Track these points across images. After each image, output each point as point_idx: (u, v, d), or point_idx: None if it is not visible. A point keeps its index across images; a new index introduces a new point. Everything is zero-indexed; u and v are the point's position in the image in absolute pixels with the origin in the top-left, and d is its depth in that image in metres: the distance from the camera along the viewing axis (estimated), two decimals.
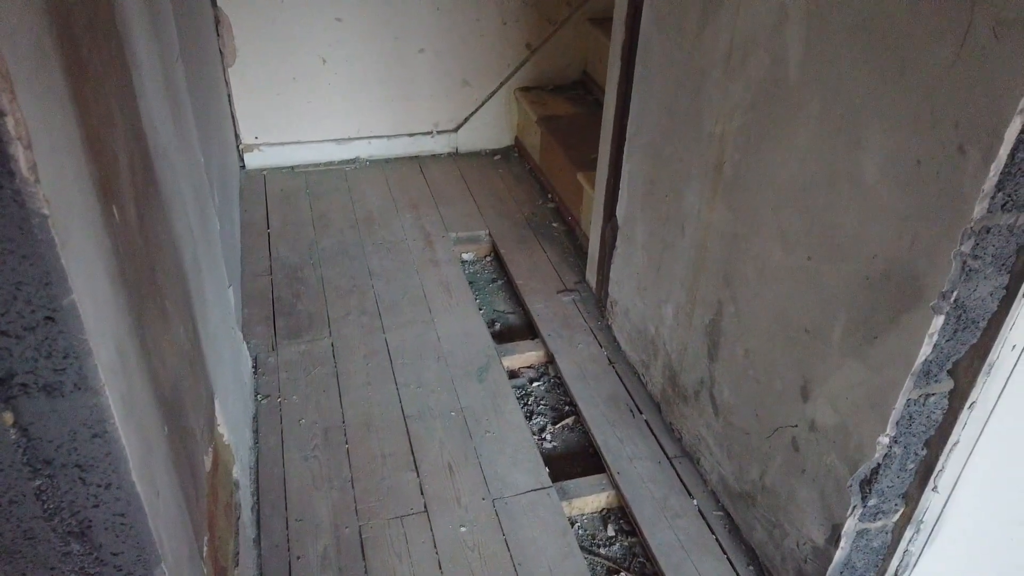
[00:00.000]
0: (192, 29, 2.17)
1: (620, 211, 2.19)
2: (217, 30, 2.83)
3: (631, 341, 2.21)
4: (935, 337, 1.14)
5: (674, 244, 1.88)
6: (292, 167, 3.18)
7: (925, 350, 1.15)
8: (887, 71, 1.15)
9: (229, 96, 2.98)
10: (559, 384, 2.23)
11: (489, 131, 3.37)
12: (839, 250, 1.30)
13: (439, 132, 3.31)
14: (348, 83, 3.08)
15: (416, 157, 3.32)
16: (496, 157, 3.36)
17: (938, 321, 1.12)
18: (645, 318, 2.10)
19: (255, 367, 2.15)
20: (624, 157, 2.11)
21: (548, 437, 2.06)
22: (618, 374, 2.19)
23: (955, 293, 1.10)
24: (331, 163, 3.22)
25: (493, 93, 3.28)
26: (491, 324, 2.48)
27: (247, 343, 2.23)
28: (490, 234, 2.83)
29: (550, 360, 2.29)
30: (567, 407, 2.16)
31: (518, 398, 2.18)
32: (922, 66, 1.08)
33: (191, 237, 1.44)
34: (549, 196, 3.05)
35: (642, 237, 2.06)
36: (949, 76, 1.04)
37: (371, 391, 2.09)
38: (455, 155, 3.36)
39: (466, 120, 3.31)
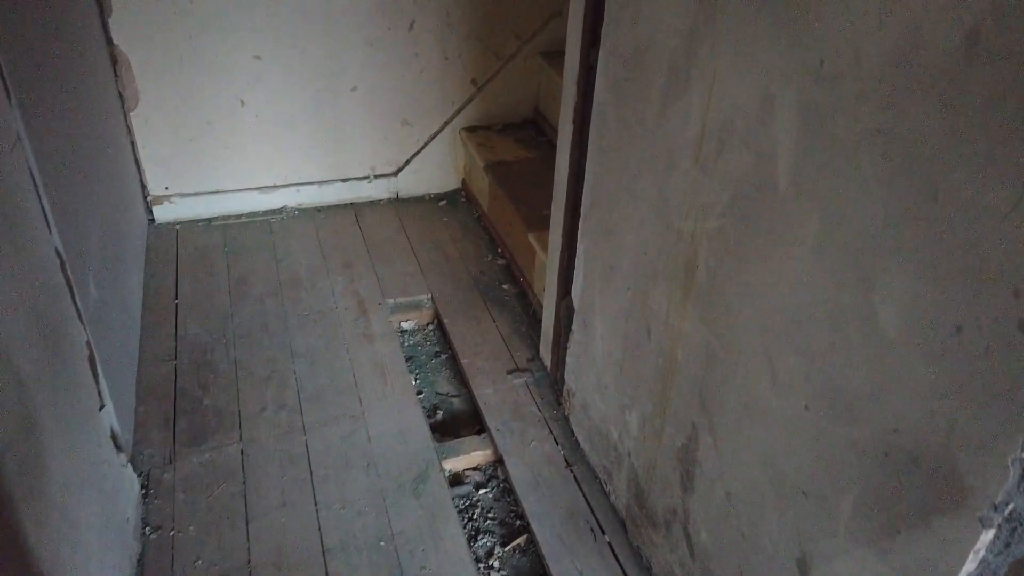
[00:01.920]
0: (73, 74, 1.82)
1: (576, 292, 1.90)
2: (115, 70, 2.47)
3: (591, 441, 1.92)
4: (982, 553, 0.87)
5: (639, 345, 1.60)
6: (209, 220, 2.83)
7: (968, 568, 0.88)
8: (912, 197, 0.87)
9: (133, 143, 2.61)
10: (509, 491, 1.93)
11: (433, 174, 3.05)
12: (848, 410, 1.03)
13: (377, 176, 2.99)
14: (271, 126, 2.74)
15: (351, 204, 2.99)
16: (441, 203, 3.05)
17: (987, 536, 0.85)
18: (607, 419, 1.81)
19: (145, 488, 1.81)
20: (579, 234, 1.82)
21: (496, 564, 1.76)
22: (577, 481, 1.90)
23: (1011, 506, 0.83)
24: (254, 214, 2.88)
25: (436, 134, 2.97)
26: (432, 411, 2.17)
27: (140, 454, 1.89)
28: (432, 299, 2.52)
29: (499, 460, 1.99)
30: (519, 521, 1.86)
31: (462, 510, 1.88)
32: (964, 201, 0.81)
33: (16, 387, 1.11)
34: (499, 251, 2.75)
35: (601, 328, 1.77)
36: (1005, 225, 0.77)
37: (285, 516, 1.77)
38: (395, 201, 3.04)
39: (407, 163, 3.00)
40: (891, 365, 0.94)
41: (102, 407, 1.56)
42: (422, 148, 2.98)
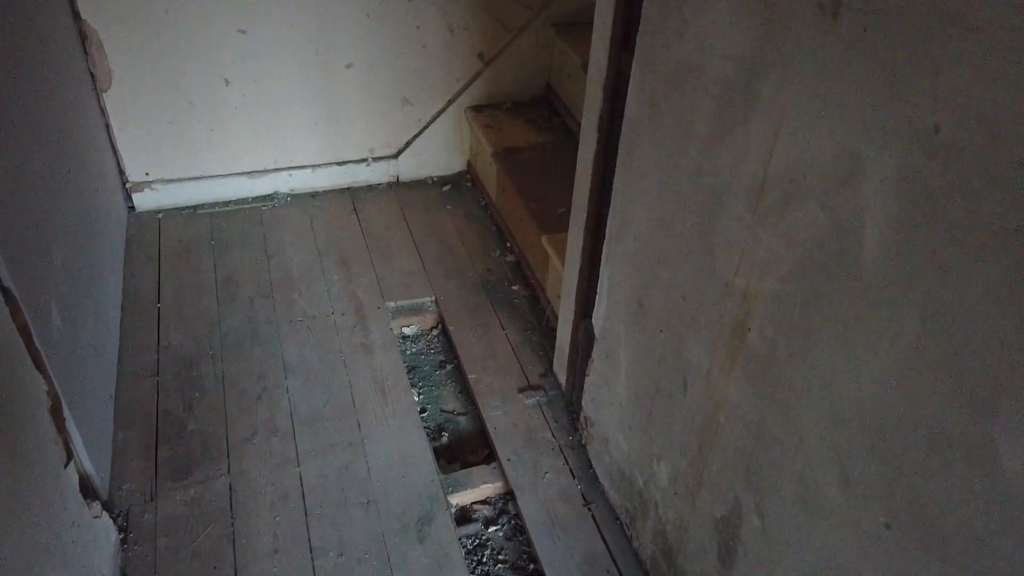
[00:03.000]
0: (28, 53, 1.60)
1: (597, 319, 1.71)
2: (84, 48, 2.23)
3: (612, 478, 1.77)
4: None
5: (672, 396, 1.42)
6: (194, 207, 2.61)
7: None
8: None
9: (108, 126, 2.38)
10: (522, 529, 1.78)
11: (436, 156, 2.83)
12: (944, 544, 0.85)
13: (375, 159, 2.76)
14: (259, 106, 2.50)
15: (348, 189, 2.77)
16: (445, 187, 2.83)
17: None
18: (631, 461, 1.65)
19: (124, 533, 1.65)
20: (603, 256, 1.62)
21: None
22: (596, 522, 1.75)
23: None
24: (243, 201, 2.66)
25: (440, 113, 2.73)
26: (437, 433, 2.01)
27: (119, 489, 1.73)
28: (436, 301, 2.33)
29: (510, 493, 1.83)
30: (531, 565, 1.72)
31: (470, 551, 1.73)
32: None
33: None
34: (508, 245, 2.55)
35: (627, 364, 1.59)
36: None
37: (278, 565, 1.62)
38: (395, 185, 2.82)
39: (408, 144, 2.77)
40: (1013, 512, 0.77)
41: (69, 461, 1.40)
42: (424, 128, 2.75)
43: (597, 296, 1.69)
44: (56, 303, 1.55)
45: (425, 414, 2.05)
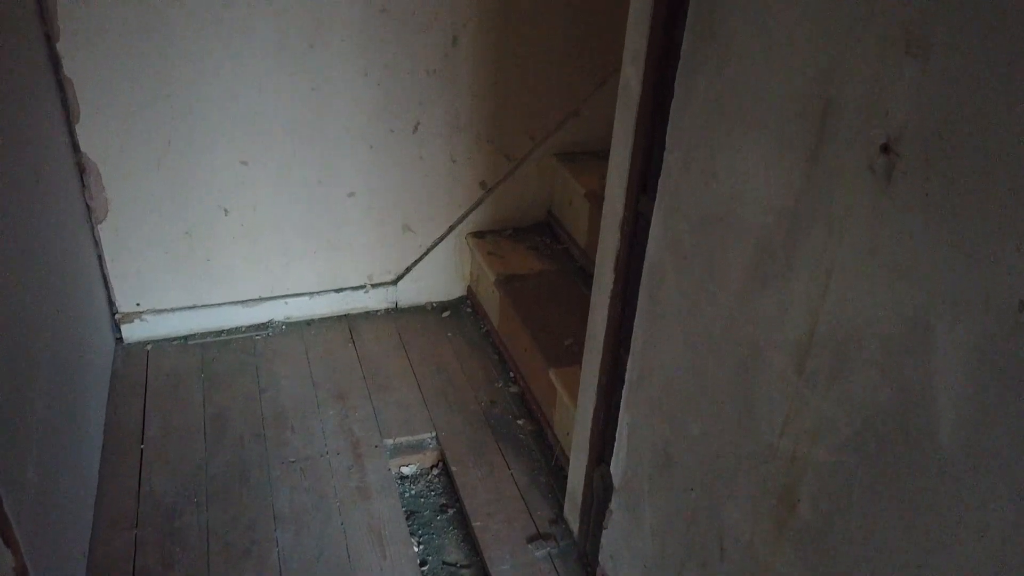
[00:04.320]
0: (24, 187, 1.53)
1: (616, 468, 1.60)
2: (82, 180, 2.19)
3: None
4: None
5: (706, 564, 1.29)
6: (185, 337, 2.52)
7: None
8: None
9: (100, 257, 2.32)
10: None
11: (436, 282, 2.77)
12: None
13: (374, 285, 2.70)
14: (258, 235, 2.46)
15: (346, 316, 2.70)
16: (445, 314, 2.76)
17: None
18: None
19: None
20: (623, 401, 1.53)
21: None
22: None
23: None
24: (236, 330, 2.57)
25: (441, 239, 2.70)
26: None
27: None
28: (437, 438, 2.21)
29: None
30: None
31: None
32: None
33: None
34: (511, 375, 2.45)
35: (653, 521, 1.46)
36: None
37: None
38: (394, 312, 2.75)
39: (407, 270, 2.72)
40: None
41: None
42: (425, 254, 2.71)
43: (616, 442, 1.58)
44: (32, 459, 1.43)
45: (426, 568, 1.89)
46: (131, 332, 2.46)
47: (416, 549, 1.92)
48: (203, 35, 2.11)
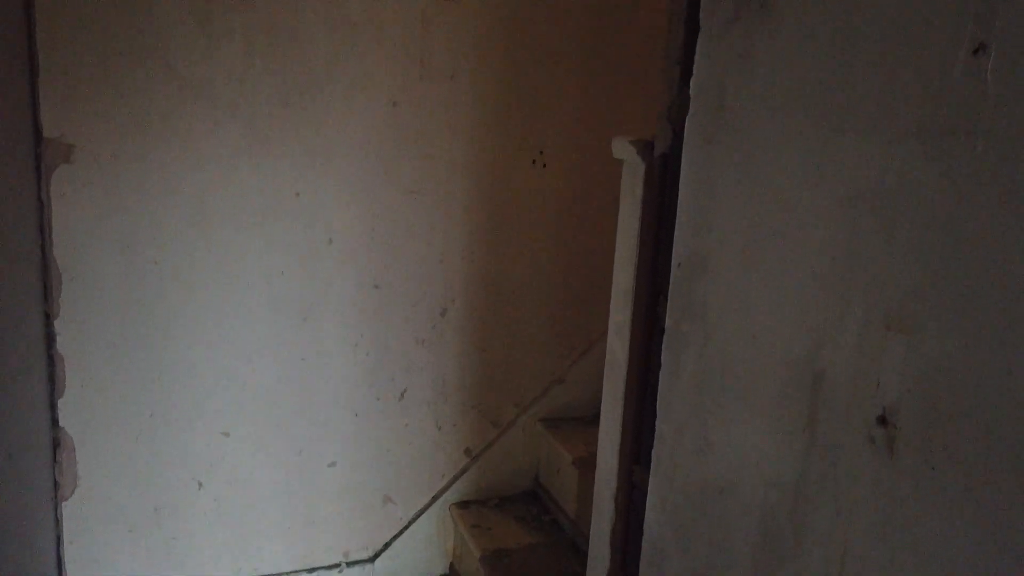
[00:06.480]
0: None
1: None
2: (55, 455, 2.12)
3: None
4: None
5: None
6: None
7: None
8: None
9: (59, 538, 2.16)
10: None
11: (417, 558, 2.59)
12: None
13: (350, 564, 2.52)
14: (232, 510, 2.33)
15: None
16: None
17: None
18: None
19: None
20: None
21: None
22: None
23: None
24: None
25: (423, 511, 2.57)
26: None
27: None
28: None
29: None
30: None
31: None
32: None
33: None
34: None
35: None
36: None
37: None
38: None
39: (386, 546, 2.55)
40: None
41: None
42: (405, 528, 2.57)
43: None
44: None
45: None
46: None
47: None
48: (200, 312, 2.18)
